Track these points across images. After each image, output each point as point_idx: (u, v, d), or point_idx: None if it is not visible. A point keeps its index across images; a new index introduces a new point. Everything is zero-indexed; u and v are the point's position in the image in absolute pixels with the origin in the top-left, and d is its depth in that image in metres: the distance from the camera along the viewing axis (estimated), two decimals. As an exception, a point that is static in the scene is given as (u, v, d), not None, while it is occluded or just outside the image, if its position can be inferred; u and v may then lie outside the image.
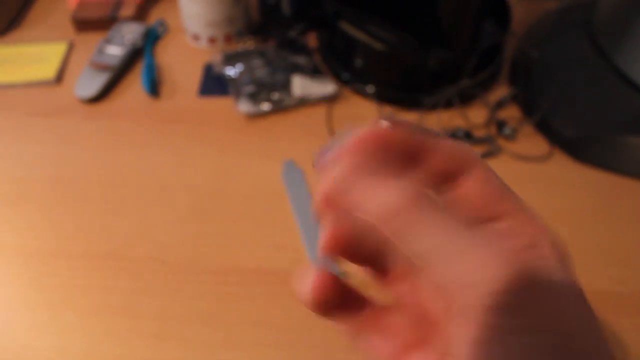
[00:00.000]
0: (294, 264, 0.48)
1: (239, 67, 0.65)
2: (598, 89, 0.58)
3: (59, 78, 0.67)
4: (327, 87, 0.62)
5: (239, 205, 0.53)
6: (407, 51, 0.60)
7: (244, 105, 0.61)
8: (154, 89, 0.64)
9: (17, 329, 0.44)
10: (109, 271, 0.47)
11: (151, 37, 0.72)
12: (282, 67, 0.64)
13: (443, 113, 0.61)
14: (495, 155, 0.57)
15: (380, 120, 0.20)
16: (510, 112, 0.61)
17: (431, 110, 0.61)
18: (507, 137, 0.59)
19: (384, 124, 0.19)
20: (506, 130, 0.59)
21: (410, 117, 0.60)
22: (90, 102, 0.64)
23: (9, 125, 0.61)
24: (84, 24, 0.73)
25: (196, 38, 0.71)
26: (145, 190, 0.54)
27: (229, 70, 0.65)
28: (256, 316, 0.44)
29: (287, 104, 0.61)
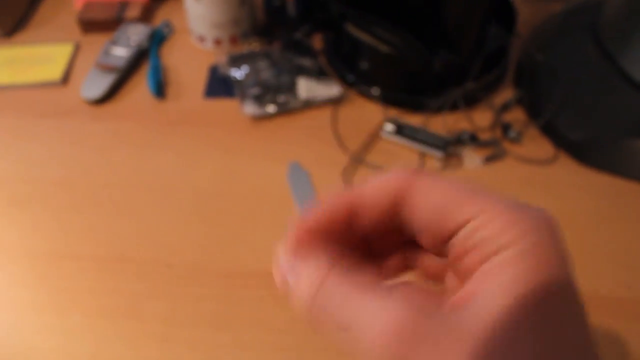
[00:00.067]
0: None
1: (245, 69, 0.65)
2: (604, 92, 0.58)
3: (64, 79, 0.67)
4: (333, 89, 0.62)
5: (244, 208, 0.53)
6: (413, 54, 0.60)
7: (250, 107, 0.61)
8: (160, 90, 0.65)
9: (24, 330, 0.44)
10: (116, 273, 0.48)
11: (157, 39, 0.72)
12: (288, 69, 0.64)
13: (448, 116, 0.61)
14: (500, 158, 0.57)
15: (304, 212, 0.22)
16: (516, 115, 0.61)
17: (436, 112, 0.61)
18: (513, 140, 0.59)
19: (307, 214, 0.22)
20: (511, 133, 0.59)
21: (415, 120, 0.60)
22: (96, 103, 0.64)
23: (15, 126, 0.62)
24: (90, 25, 0.73)
25: (202, 39, 0.71)
26: (150, 192, 0.54)
27: (235, 71, 0.65)
28: (263, 319, 0.44)
29: (293, 106, 0.61)
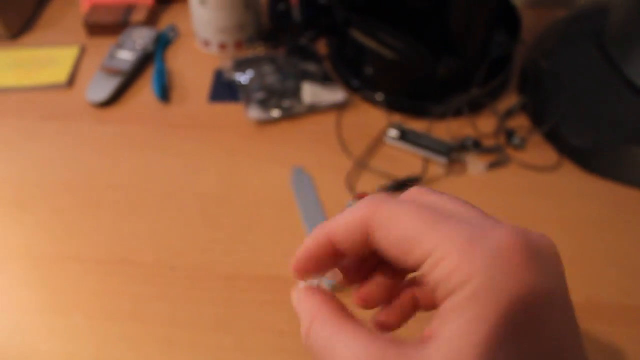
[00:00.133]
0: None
1: (250, 74, 0.65)
2: (607, 99, 0.58)
3: (70, 82, 0.67)
4: (337, 95, 0.63)
5: (248, 212, 0.53)
6: (417, 60, 0.60)
7: (254, 112, 0.61)
8: (165, 94, 0.65)
9: (27, 331, 0.44)
10: (119, 275, 0.48)
11: (162, 43, 0.72)
12: (293, 74, 0.65)
13: (452, 122, 0.61)
14: (504, 164, 0.57)
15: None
16: (520, 122, 0.62)
17: (440, 119, 0.61)
18: (516, 147, 0.59)
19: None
20: (515, 139, 0.59)
21: (419, 126, 0.60)
22: (101, 107, 0.64)
23: (20, 128, 0.62)
24: (96, 29, 0.74)
25: (207, 44, 0.71)
26: (155, 195, 0.55)
27: (240, 76, 0.65)
28: (265, 322, 0.44)
29: (297, 111, 0.62)
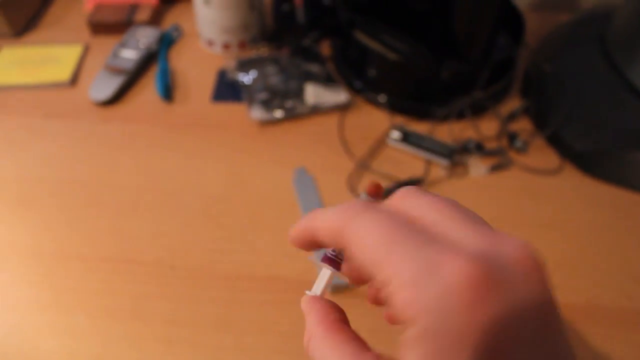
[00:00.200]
0: (304, 272, 0.48)
1: (253, 74, 0.65)
2: (610, 103, 0.58)
3: (73, 80, 0.68)
4: (340, 96, 0.63)
5: (250, 212, 0.53)
6: (420, 62, 0.60)
7: (257, 112, 0.61)
8: (168, 93, 0.65)
9: (29, 329, 0.44)
10: (121, 274, 0.48)
11: (166, 42, 0.72)
12: (296, 75, 0.65)
13: (455, 124, 0.61)
14: (506, 167, 0.57)
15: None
16: (522, 125, 0.62)
17: (443, 121, 0.61)
18: (519, 150, 0.59)
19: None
20: (517, 142, 0.59)
21: (421, 128, 0.61)
22: (104, 105, 0.64)
23: (24, 126, 0.62)
24: (100, 27, 0.74)
25: (210, 43, 0.71)
26: (156, 194, 0.55)
27: (243, 76, 0.65)
28: (266, 323, 0.45)
29: (300, 111, 0.62)
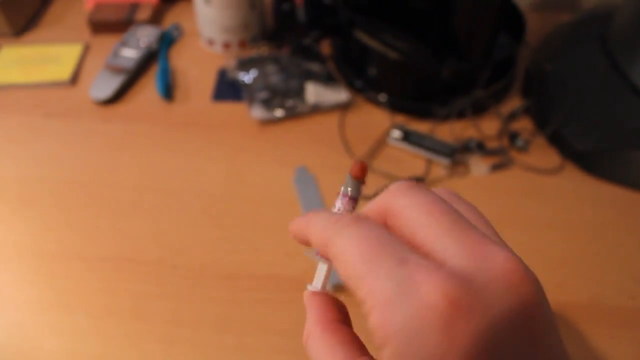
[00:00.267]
0: (305, 271, 0.48)
1: (253, 73, 0.65)
2: (611, 102, 0.58)
3: (73, 79, 0.67)
4: (341, 95, 0.62)
5: (250, 211, 0.53)
6: (421, 61, 0.60)
7: (257, 111, 0.61)
8: (168, 92, 0.65)
9: (30, 329, 0.44)
10: (122, 274, 0.48)
11: (166, 41, 0.72)
12: (296, 74, 0.65)
13: (455, 123, 0.61)
14: (507, 166, 0.57)
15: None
16: (523, 124, 0.62)
17: (444, 120, 0.61)
18: (520, 149, 0.59)
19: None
20: (518, 142, 0.59)
21: (422, 127, 0.60)
22: (105, 104, 0.64)
23: (25, 125, 0.62)
24: (100, 26, 0.74)
25: (211, 43, 0.71)
26: (157, 193, 0.54)
27: (243, 75, 0.65)
28: (267, 322, 0.44)
29: (300, 110, 0.62)
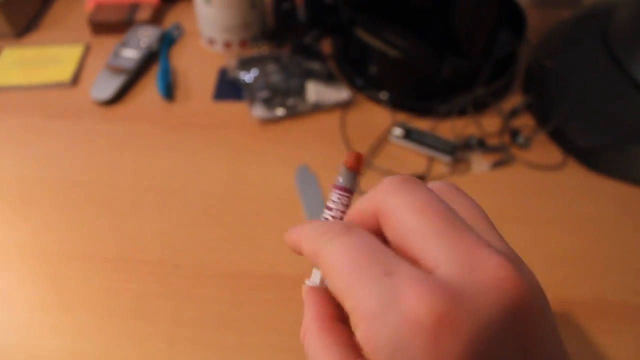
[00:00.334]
0: (307, 270, 0.48)
1: (254, 72, 0.65)
2: (612, 98, 0.58)
3: (74, 80, 0.68)
4: (341, 93, 0.62)
5: (252, 210, 0.53)
6: (422, 59, 0.60)
7: (258, 110, 0.61)
8: (169, 92, 0.65)
9: (32, 329, 0.44)
10: (124, 274, 0.48)
11: (167, 41, 0.72)
12: (297, 73, 0.65)
13: (457, 121, 0.61)
14: (508, 163, 0.57)
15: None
16: (524, 121, 0.61)
17: (445, 118, 0.61)
18: (521, 146, 0.59)
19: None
20: (520, 139, 0.58)
21: (423, 125, 0.60)
22: (106, 105, 0.64)
23: (26, 126, 0.62)
24: (101, 27, 0.74)
25: (211, 42, 0.71)
26: (159, 193, 0.55)
27: (244, 75, 0.65)
28: (269, 321, 0.44)
29: (301, 109, 0.62)
